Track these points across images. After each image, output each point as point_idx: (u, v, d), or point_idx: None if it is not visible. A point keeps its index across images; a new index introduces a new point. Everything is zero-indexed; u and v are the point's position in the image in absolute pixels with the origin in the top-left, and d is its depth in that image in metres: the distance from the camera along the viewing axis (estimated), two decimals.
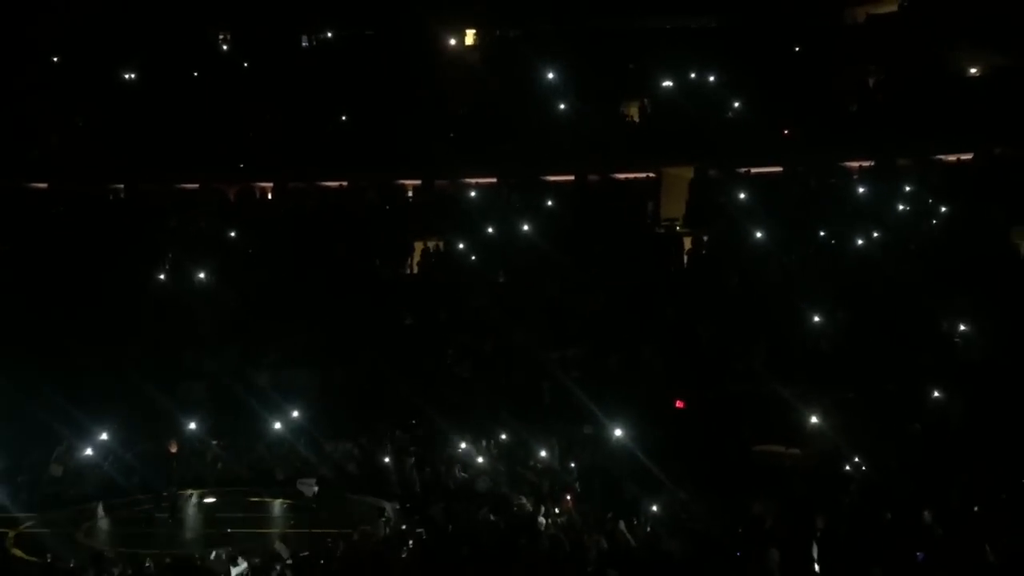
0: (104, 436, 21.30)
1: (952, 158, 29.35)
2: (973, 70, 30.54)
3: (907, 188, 28.48)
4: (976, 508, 14.37)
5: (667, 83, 33.03)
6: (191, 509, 20.32)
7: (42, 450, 21.35)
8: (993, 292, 23.32)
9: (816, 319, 23.53)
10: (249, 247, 29.76)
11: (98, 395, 22.34)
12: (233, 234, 30.25)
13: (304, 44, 36.98)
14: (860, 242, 26.70)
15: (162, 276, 28.54)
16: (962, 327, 22.70)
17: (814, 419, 19.66)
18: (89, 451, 21.10)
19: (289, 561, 14.68)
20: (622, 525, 14.96)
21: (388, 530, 17.37)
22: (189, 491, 20.64)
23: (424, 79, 33.97)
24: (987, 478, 15.91)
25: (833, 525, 13.98)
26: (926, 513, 13.77)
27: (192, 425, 21.95)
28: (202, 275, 27.99)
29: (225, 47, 37.27)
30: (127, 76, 35.19)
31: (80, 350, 24.28)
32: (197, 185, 33.26)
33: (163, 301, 27.28)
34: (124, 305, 26.42)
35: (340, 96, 33.86)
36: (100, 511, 20.07)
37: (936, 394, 20.26)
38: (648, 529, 15.75)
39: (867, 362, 21.96)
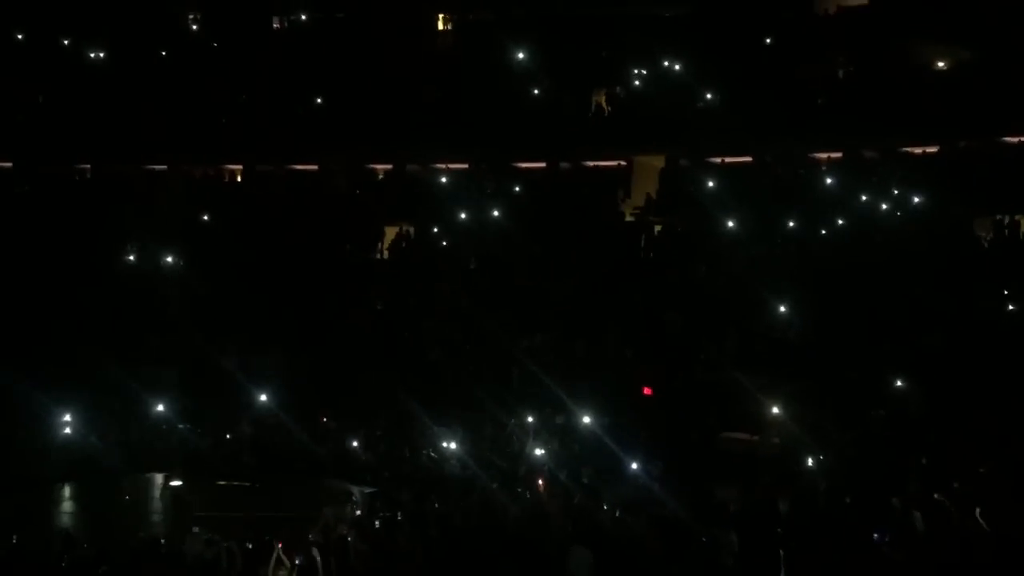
0: (67, 418, 21.16)
1: (918, 150, 29.74)
2: (940, 64, 30.93)
3: (874, 180, 28.82)
4: (935, 495, 14.67)
5: (639, 71, 33.12)
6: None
7: (9, 430, 21.15)
8: (955, 281, 23.74)
9: (782, 309, 23.80)
10: (218, 230, 29.53)
11: (62, 377, 22.14)
12: (201, 217, 30.01)
13: (275, 26, 36.65)
14: (827, 232, 27.03)
15: (130, 257, 28.28)
16: (924, 316, 23.09)
17: (775, 409, 19.99)
18: (67, 431, 20.95)
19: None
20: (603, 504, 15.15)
21: (356, 513, 17.41)
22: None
23: (396, 63, 33.80)
24: (945, 465, 16.26)
25: (795, 510, 14.26)
26: (894, 500, 14.12)
27: (159, 408, 21.85)
28: (170, 258, 27.77)
29: (195, 27, 36.84)
30: (94, 55, 34.72)
31: (45, 332, 24.04)
32: (165, 167, 32.94)
33: (130, 283, 27.03)
34: (90, 286, 26.15)
35: (311, 79, 33.62)
36: (67, 492, 19.96)
37: (898, 383, 20.59)
38: (616, 514, 15.95)
39: (831, 351, 22.28)
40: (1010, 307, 23.25)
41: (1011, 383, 19.59)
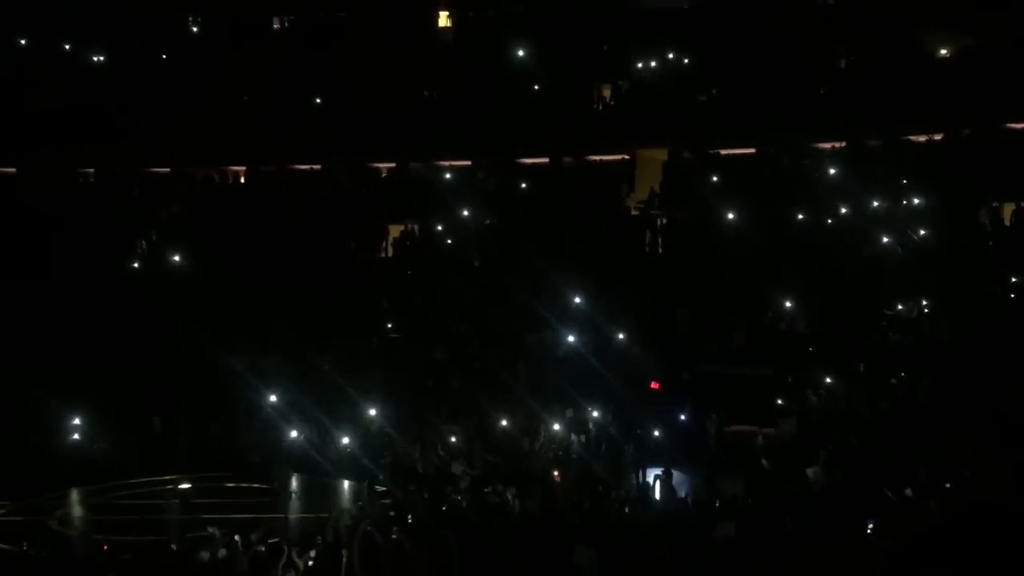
0: (77, 421, 21.23)
1: (922, 139, 29.63)
2: (943, 51, 30.81)
3: (878, 169, 28.73)
4: (947, 485, 14.63)
5: (640, 65, 33.07)
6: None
7: (18, 435, 21.23)
8: (961, 271, 23.68)
9: (788, 301, 23.74)
10: (222, 232, 29.55)
11: (71, 382, 22.21)
12: (206, 219, 30.04)
13: (276, 26, 36.68)
14: (832, 222, 26.95)
15: (135, 264, 28.37)
16: (929, 305, 23.03)
17: (780, 400, 19.98)
18: (75, 436, 21.01)
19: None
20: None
21: (365, 513, 17.40)
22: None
23: (397, 61, 33.81)
24: (955, 455, 16.22)
25: (800, 502, 14.25)
26: (907, 490, 14.12)
27: (167, 411, 21.91)
28: (176, 259, 27.84)
29: (195, 29, 36.88)
30: (96, 58, 34.79)
31: (52, 337, 24.11)
32: (169, 169, 33.00)
33: (135, 286, 27.09)
34: (96, 290, 26.23)
35: (312, 79, 33.63)
36: (75, 496, 20.04)
37: (904, 374, 20.54)
38: (626, 510, 15.96)
39: (838, 343, 22.24)
40: (1012, 296, 23.20)
41: (1017, 370, 19.53)
